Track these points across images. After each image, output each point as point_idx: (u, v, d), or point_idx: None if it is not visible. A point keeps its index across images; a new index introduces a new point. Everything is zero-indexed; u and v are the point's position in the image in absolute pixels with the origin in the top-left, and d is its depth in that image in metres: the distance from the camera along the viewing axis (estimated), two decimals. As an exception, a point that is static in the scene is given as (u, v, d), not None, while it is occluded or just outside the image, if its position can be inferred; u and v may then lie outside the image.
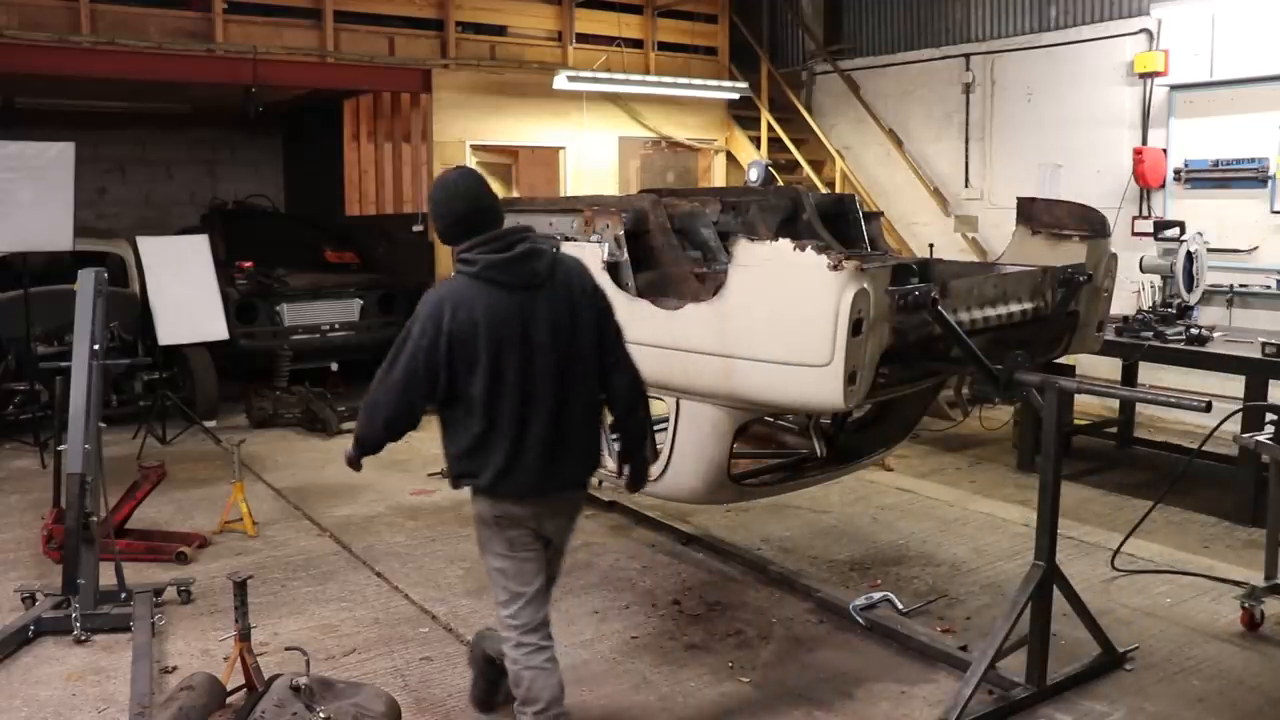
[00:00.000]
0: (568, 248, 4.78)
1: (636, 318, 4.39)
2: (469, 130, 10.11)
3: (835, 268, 3.62)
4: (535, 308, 3.36)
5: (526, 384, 3.35)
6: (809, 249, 3.71)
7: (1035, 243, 4.81)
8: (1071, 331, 4.79)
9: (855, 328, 3.64)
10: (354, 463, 3.64)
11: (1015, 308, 4.40)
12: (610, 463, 4.95)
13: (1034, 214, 4.85)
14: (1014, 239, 4.94)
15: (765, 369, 3.89)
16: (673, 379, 4.32)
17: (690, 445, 4.44)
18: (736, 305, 3.96)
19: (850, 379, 3.69)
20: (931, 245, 8.47)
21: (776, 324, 3.83)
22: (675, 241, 4.72)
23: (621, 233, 4.60)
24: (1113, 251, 4.81)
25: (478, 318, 3.30)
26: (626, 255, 4.58)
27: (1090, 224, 4.67)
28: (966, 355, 4.00)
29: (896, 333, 3.87)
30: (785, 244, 3.81)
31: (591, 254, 4.60)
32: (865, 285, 3.64)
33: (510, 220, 4.78)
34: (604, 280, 4.53)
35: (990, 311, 4.30)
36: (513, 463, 3.38)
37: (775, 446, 5.84)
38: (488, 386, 3.32)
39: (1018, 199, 4.97)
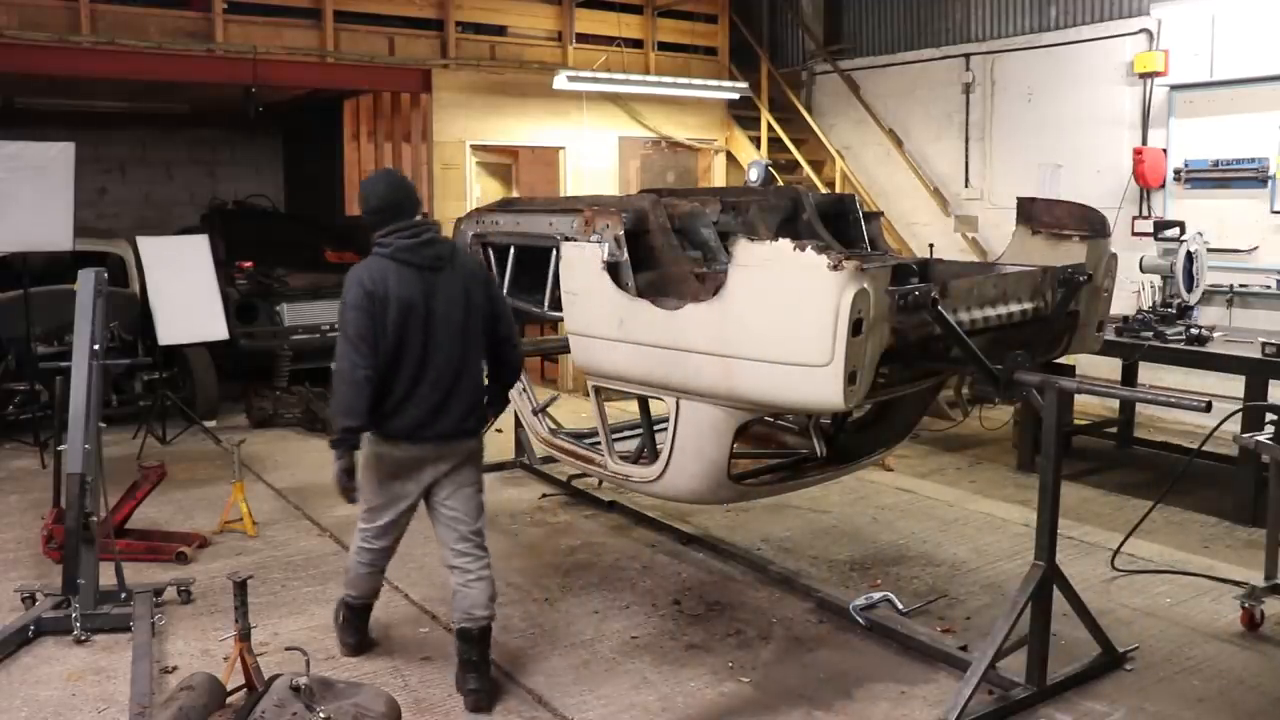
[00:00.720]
0: (568, 248, 4.79)
1: (636, 318, 4.39)
2: (469, 130, 10.11)
3: (835, 268, 3.62)
4: (436, 285, 4.07)
5: (426, 347, 4.06)
6: (809, 249, 3.71)
7: (1035, 243, 4.81)
8: (1071, 331, 4.79)
9: (855, 328, 3.64)
10: (345, 478, 4.06)
11: (1015, 308, 4.40)
12: (612, 462, 4.96)
13: (1034, 214, 4.84)
14: (1014, 239, 4.94)
15: (765, 369, 3.89)
16: (673, 379, 4.32)
17: (690, 445, 4.44)
18: (736, 305, 3.96)
19: (850, 379, 3.69)
20: (931, 245, 8.47)
21: (776, 324, 3.83)
22: (675, 241, 4.71)
23: (621, 233, 4.60)
24: (1113, 251, 4.81)
25: (389, 290, 4.00)
26: (626, 255, 4.58)
27: (1090, 224, 4.66)
28: (966, 355, 4.00)
29: (896, 333, 3.87)
30: (785, 244, 3.80)
31: (591, 254, 4.60)
32: (865, 285, 3.64)
33: (511, 221, 5.04)
34: (604, 280, 4.53)
35: (990, 311, 4.30)
36: (398, 410, 4.08)
37: (775, 446, 5.84)
38: (394, 348, 4.01)
39: (1018, 199, 4.97)
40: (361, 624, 4.67)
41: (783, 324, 3.81)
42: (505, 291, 5.72)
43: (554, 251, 5.01)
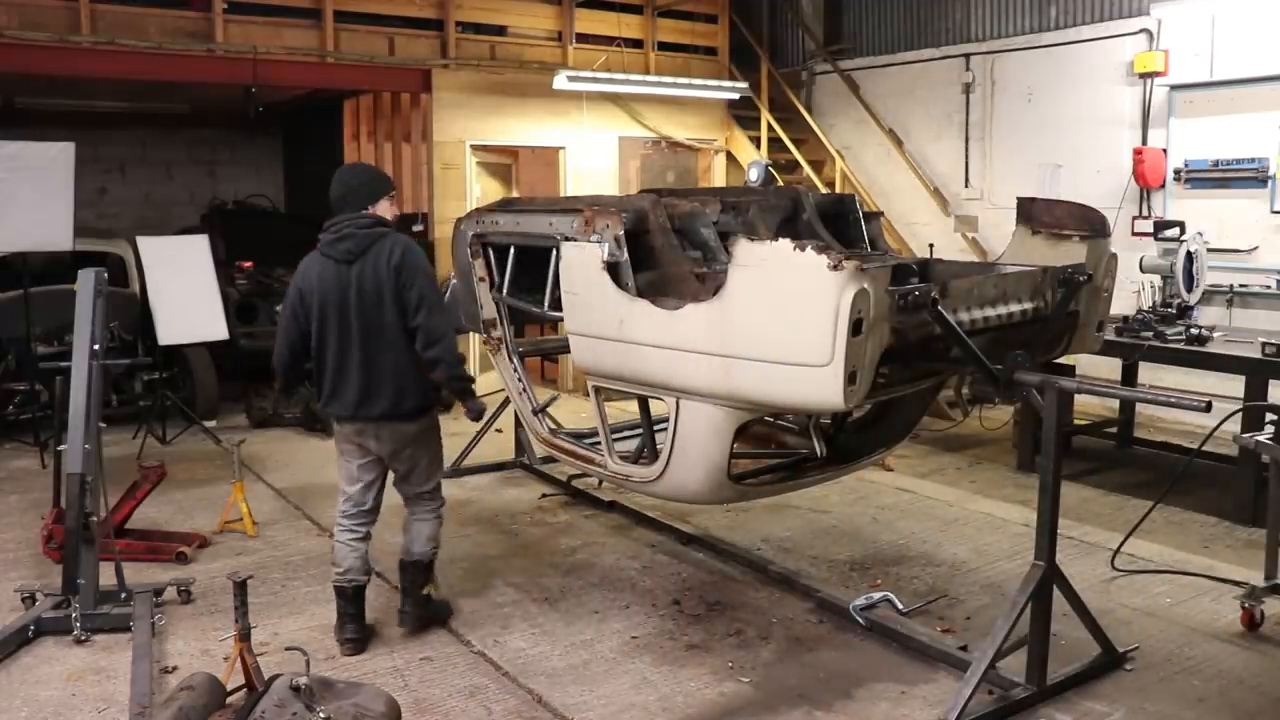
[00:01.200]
0: (568, 248, 4.79)
1: (636, 318, 4.39)
2: (469, 130, 10.11)
3: (835, 267, 3.62)
4: (350, 277, 4.47)
5: (343, 334, 4.51)
6: (809, 249, 3.71)
7: (1035, 243, 4.81)
8: (1071, 332, 4.78)
9: (855, 328, 3.64)
10: (280, 389, 5.04)
11: (1015, 308, 4.40)
12: (612, 462, 4.96)
13: (1034, 214, 4.84)
14: (1014, 239, 4.94)
15: (765, 369, 3.89)
16: (672, 379, 4.32)
17: (690, 445, 4.43)
18: (736, 305, 3.96)
19: (850, 379, 3.69)
20: (931, 245, 8.45)
21: (776, 324, 3.83)
22: (675, 242, 4.71)
23: (621, 233, 4.60)
24: (1113, 251, 4.81)
25: (313, 281, 4.52)
26: (626, 255, 4.57)
27: (1090, 224, 4.66)
28: (967, 355, 4.00)
29: (896, 333, 3.86)
30: (785, 244, 3.80)
31: (591, 254, 4.60)
32: (865, 285, 3.63)
33: (511, 221, 5.07)
34: (604, 280, 4.53)
35: (990, 311, 4.29)
36: (335, 391, 4.58)
37: (775, 446, 5.83)
38: (319, 333, 4.54)
39: (1018, 199, 4.97)
40: (356, 614, 4.71)
41: (783, 324, 3.81)
42: (505, 292, 5.73)
43: (554, 252, 5.01)
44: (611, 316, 4.50)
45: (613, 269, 4.55)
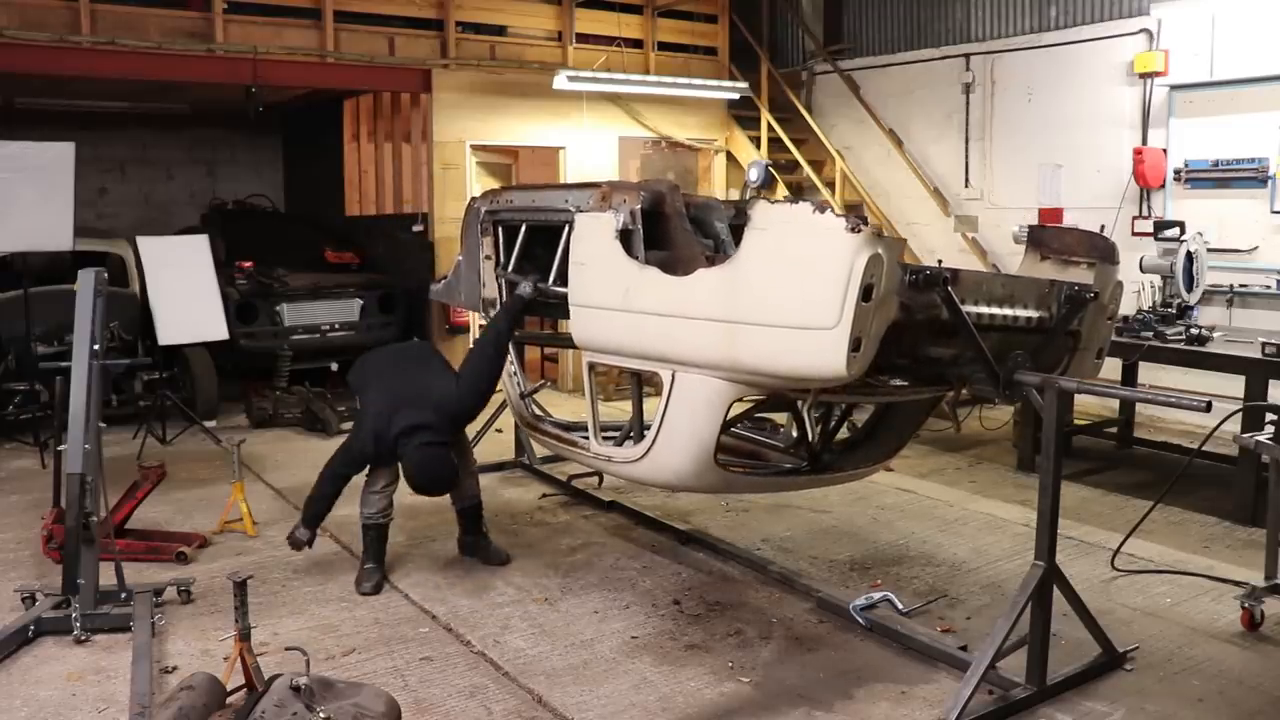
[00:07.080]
0: (582, 218, 4.82)
1: (643, 287, 4.39)
2: (469, 130, 10.11)
3: (853, 230, 3.63)
4: None
5: None
6: (828, 211, 3.72)
7: (1044, 268, 4.81)
8: (1072, 353, 4.77)
9: (866, 293, 3.64)
10: None
11: (1021, 312, 4.38)
12: (595, 443, 4.96)
13: (1043, 240, 4.86)
14: (1023, 264, 4.94)
15: (770, 333, 3.87)
16: (672, 350, 4.31)
17: (680, 421, 4.39)
18: (749, 268, 3.95)
19: (855, 345, 3.68)
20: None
21: (788, 286, 3.82)
22: (689, 227, 4.71)
23: (638, 208, 4.60)
24: (1119, 279, 4.79)
25: None
26: (639, 227, 4.58)
27: (1098, 250, 4.67)
28: (970, 345, 4.00)
29: (905, 309, 3.85)
30: (805, 205, 3.82)
31: (605, 223, 4.61)
32: (880, 250, 3.64)
33: (526, 198, 6.02)
34: (615, 248, 4.54)
35: (996, 310, 4.28)
36: None
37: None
38: None
39: (1029, 228, 4.98)
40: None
41: (794, 286, 3.80)
42: (510, 269, 5.78)
43: (566, 227, 5.02)
44: (618, 286, 4.50)
45: (625, 237, 4.55)
